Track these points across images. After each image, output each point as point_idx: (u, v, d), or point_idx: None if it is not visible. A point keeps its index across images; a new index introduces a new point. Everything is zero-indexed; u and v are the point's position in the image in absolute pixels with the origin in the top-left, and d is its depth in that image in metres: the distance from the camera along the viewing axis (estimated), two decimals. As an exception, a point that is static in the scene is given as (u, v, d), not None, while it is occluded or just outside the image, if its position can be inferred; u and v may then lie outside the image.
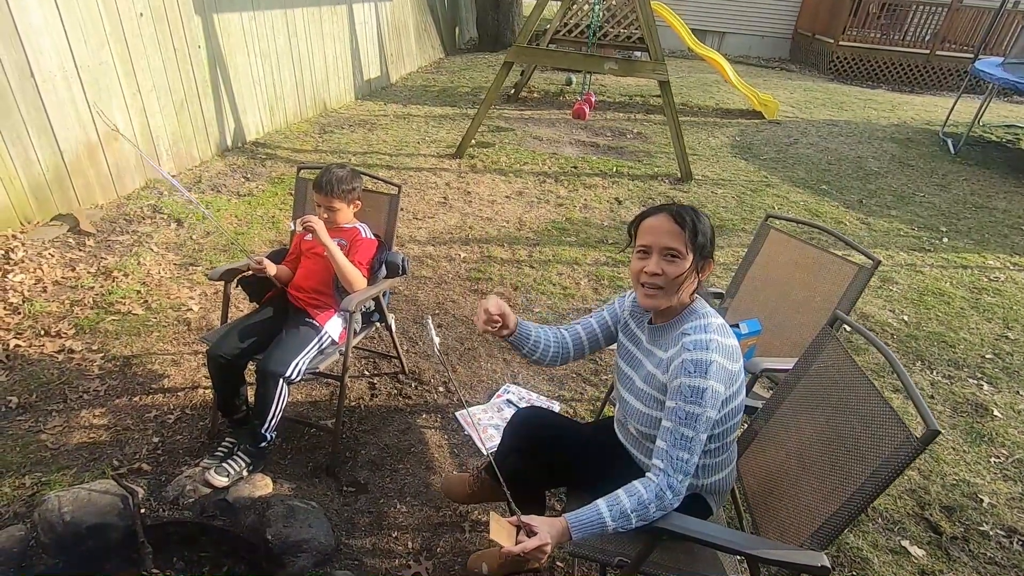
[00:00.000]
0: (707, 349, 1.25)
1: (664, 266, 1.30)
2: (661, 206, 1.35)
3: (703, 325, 1.31)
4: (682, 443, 1.25)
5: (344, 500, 2.01)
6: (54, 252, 3.26)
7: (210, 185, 4.40)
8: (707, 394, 1.24)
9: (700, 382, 1.24)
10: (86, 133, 3.69)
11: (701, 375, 1.24)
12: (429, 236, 3.97)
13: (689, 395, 1.24)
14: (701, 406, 1.24)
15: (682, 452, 1.25)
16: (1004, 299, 3.66)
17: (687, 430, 1.25)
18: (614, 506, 1.23)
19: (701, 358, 1.25)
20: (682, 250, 1.29)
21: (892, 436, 1.20)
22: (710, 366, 1.24)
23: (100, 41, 3.70)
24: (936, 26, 10.47)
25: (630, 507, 1.23)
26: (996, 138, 7.48)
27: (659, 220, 1.32)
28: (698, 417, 1.24)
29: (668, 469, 1.25)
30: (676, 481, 1.25)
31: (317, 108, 6.49)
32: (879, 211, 4.93)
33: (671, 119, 5.23)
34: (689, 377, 1.24)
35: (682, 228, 1.29)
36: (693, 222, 1.30)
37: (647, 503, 1.23)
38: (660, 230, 1.30)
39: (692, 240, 1.29)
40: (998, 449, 2.46)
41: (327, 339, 2.10)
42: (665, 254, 1.30)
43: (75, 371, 2.48)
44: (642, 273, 1.32)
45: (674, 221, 1.30)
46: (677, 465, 1.25)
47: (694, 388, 1.24)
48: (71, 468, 2.02)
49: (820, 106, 8.52)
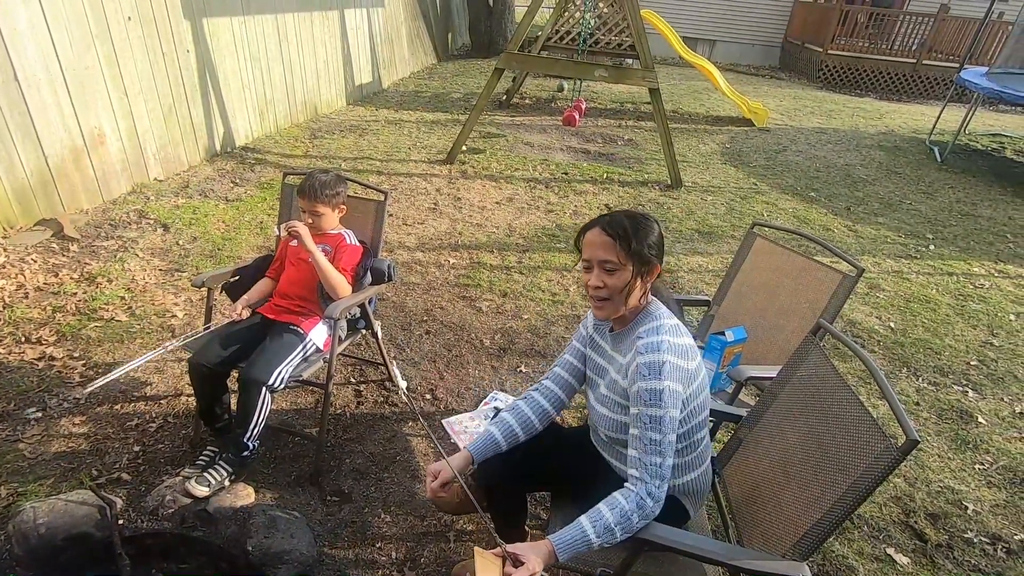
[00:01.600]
0: (659, 351, 1.27)
1: (605, 278, 1.32)
2: (597, 219, 1.36)
3: (655, 327, 1.32)
4: (652, 447, 1.26)
5: (328, 510, 1.99)
6: (37, 257, 3.22)
7: (198, 190, 4.36)
8: (664, 395, 1.25)
9: (655, 384, 1.25)
10: (71, 137, 3.65)
11: (656, 377, 1.25)
12: (419, 242, 3.95)
13: (648, 398, 1.26)
14: (662, 407, 1.25)
15: (654, 457, 1.26)
16: (989, 306, 3.69)
17: (654, 434, 1.25)
18: (597, 522, 1.23)
19: (654, 360, 1.26)
20: (618, 260, 1.30)
21: (872, 445, 1.20)
22: (663, 367, 1.25)
23: (86, 44, 3.67)
24: (923, 36, 10.62)
25: (613, 521, 1.22)
26: (981, 146, 7.58)
27: (594, 234, 1.34)
28: (661, 419, 1.25)
29: (644, 476, 1.26)
30: (654, 487, 1.25)
31: (308, 113, 6.47)
32: (866, 218, 4.97)
33: (661, 126, 5.26)
34: (645, 380, 1.26)
35: (614, 239, 1.30)
36: (626, 231, 1.30)
37: (629, 514, 1.23)
38: (595, 244, 1.33)
39: (626, 249, 1.30)
40: (983, 456, 2.47)
41: (311, 346, 2.08)
42: (604, 266, 1.32)
43: (55, 378, 2.44)
44: (588, 286, 1.35)
45: (605, 234, 1.31)
46: (652, 471, 1.26)
47: (651, 391, 1.25)
48: (48, 478, 1.99)
49: (809, 114, 8.60)
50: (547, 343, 2.99)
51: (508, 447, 1.51)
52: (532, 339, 3.01)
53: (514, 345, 2.96)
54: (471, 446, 1.50)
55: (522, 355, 2.89)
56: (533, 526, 1.93)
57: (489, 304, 3.29)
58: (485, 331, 3.05)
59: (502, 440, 1.51)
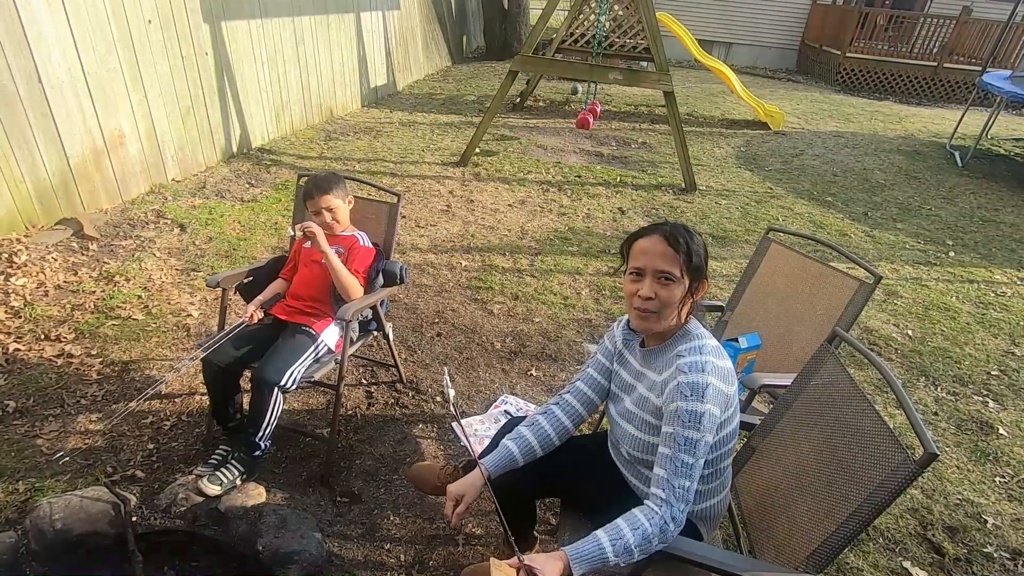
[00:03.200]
0: (703, 371, 1.22)
1: (658, 290, 1.25)
2: (654, 226, 1.30)
3: (698, 347, 1.27)
4: (683, 471, 1.21)
5: (337, 511, 2.00)
6: (57, 256, 3.28)
7: (214, 191, 4.42)
8: (705, 418, 1.20)
9: (698, 406, 1.20)
10: (92, 139, 3.72)
11: (698, 399, 1.20)
12: (431, 244, 3.97)
13: (687, 420, 1.20)
14: (700, 431, 1.20)
15: (683, 480, 1.21)
16: (1011, 315, 3.61)
17: (687, 456, 1.20)
18: (617, 541, 1.18)
19: (698, 381, 1.21)
20: (677, 273, 1.24)
21: (889, 458, 1.18)
22: (707, 389, 1.20)
23: (108, 48, 3.74)
24: (944, 39, 10.44)
25: (634, 542, 1.18)
26: (1004, 151, 7.43)
27: (652, 242, 1.26)
28: (697, 443, 1.20)
29: (670, 499, 1.20)
30: (678, 511, 1.20)
31: (323, 115, 6.53)
32: (884, 224, 4.89)
33: (675, 129, 5.23)
34: (686, 401, 1.20)
35: (676, 251, 1.24)
36: (687, 243, 1.25)
37: (651, 537, 1.18)
38: (653, 252, 1.25)
39: (687, 263, 1.24)
40: (1003, 468, 2.41)
41: (323, 348, 2.10)
42: (659, 277, 1.25)
43: (73, 376, 2.48)
44: (635, 297, 1.28)
45: (668, 243, 1.24)
46: (679, 494, 1.20)
47: (692, 412, 1.20)
48: (65, 474, 2.02)
49: (827, 117, 8.50)
50: (558, 347, 2.98)
51: (525, 462, 1.47)
52: (543, 343, 3.00)
53: (525, 348, 2.95)
54: (489, 462, 1.44)
55: (533, 359, 2.88)
56: (540, 531, 1.92)
57: (500, 307, 3.29)
58: (496, 334, 3.05)
59: (519, 456, 1.46)
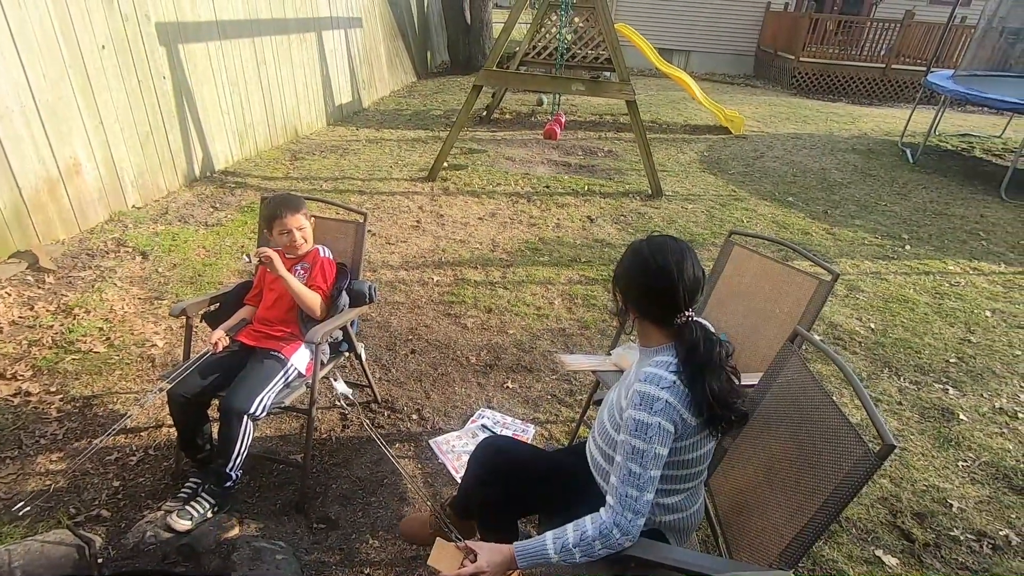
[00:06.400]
0: (658, 385, 1.23)
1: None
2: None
3: (667, 361, 1.28)
4: (630, 480, 1.22)
5: (314, 538, 1.96)
6: (11, 291, 3.16)
7: (177, 216, 4.33)
8: (652, 430, 1.21)
9: (645, 417, 1.22)
10: (46, 168, 3.61)
11: (647, 409, 1.22)
12: (402, 260, 3.95)
13: (634, 428, 1.23)
14: (647, 442, 1.21)
15: (631, 489, 1.22)
16: (965, 303, 3.76)
17: (634, 465, 1.22)
18: (559, 539, 1.24)
19: (648, 392, 1.23)
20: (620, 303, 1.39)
21: (851, 452, 1.22)
22: (655, 402, 1.22)
23: (60, 74, 3.64)
24: (890, 41, 10.91)
25: (572, 542, 1.23)
26: (951, 147, 7.77)
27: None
28: (644, 453, 1.21)
29: (617, 506, 1.23)
30: (625, 520, 1.21)
31: (288, 135, 6.47)
32: (843, 221, 5.06)
33: (639, 137, 5.33)
34: (635, 410, 1.23)
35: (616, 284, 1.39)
36: (618, 271, 1.38)
37: (591, 540, 1.22)
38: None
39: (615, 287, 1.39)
40: (965, 452, 2.50)
41: (293, 372, 2.06)
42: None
43: (31, 414, 2.39)
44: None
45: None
46: (626, 503, 1.22)
47: (639, 422, 1.22)
48: (24, 519, 1.93)
49: (784, 120, 8.77)
50: (533, 358, 2.99)
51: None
52: (518, 354, 3.01)
53: (500, 361, 2.95)
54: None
55: (509, 371, 2.88)
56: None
57: (474, 320, 3.29)
58: (471, 348, 3.04)
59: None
